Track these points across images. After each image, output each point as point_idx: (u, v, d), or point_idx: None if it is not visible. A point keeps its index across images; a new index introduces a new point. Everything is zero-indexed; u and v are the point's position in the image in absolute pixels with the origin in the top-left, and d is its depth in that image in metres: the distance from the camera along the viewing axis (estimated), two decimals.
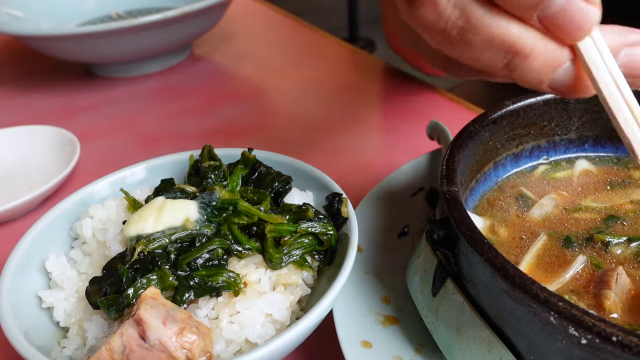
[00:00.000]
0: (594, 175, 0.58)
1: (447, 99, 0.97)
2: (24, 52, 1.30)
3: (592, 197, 0.55)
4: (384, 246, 0.59)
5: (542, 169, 0.60)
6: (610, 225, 0.51)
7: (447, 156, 0.49)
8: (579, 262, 0.47)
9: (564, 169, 0.59)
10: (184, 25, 1.06)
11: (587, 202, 0.55)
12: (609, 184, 0.57)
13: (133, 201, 0.56)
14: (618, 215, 0.52)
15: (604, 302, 0.43)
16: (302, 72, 1.13)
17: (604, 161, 0.60)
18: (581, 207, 0.54)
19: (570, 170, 0.59)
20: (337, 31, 1.18)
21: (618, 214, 0.53)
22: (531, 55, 0.37)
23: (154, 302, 0.43)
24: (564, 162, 0.60)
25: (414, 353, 0.47)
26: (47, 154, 0.84)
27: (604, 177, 0.58)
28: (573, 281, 0.46)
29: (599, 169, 0.59)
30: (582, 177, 0.58)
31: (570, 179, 0.58)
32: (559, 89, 0.38)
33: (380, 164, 0.81)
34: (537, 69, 0.37)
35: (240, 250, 0.49)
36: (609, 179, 0.57)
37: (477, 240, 0.40)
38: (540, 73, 0.37)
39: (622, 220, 0.52)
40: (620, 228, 0.51)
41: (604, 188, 0.56)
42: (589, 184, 0.57)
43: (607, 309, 0.43)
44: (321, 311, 0.45)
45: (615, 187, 0.56)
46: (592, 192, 0.56)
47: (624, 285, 0.45)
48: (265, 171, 0.58)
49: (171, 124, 0.98)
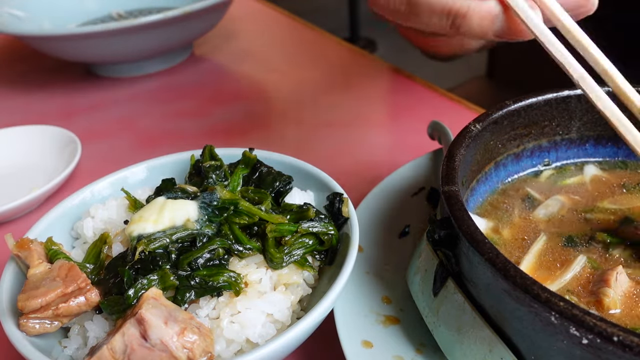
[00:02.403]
0: (606, 179, 0.58)
1: (447, 99, 0.97)
2: (24, 52, 1.30)
3: (609, 199, 0.55)
4: (384, 246, 0.59)
5: (548, 174, 0.59)
6: (623, 226, 0.51)
7: (448, 156, 0.49)
8: (579, 262, 0.48)
9: (573, 175, 0.59)
10: (185, 25, 1.06)
11: (604, 204, 0.55)
12: (623, 187, 0.56)
13: (134, 201, 0.56)
14: (634, 217, 0.52)
15: (603, 299, 0.43)
16: (302, 71, 1.13)
17: (611, 165, 0.60)
18: (595, 208, 0.54)
19: (581, 177, 0.59)
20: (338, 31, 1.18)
21: (634, 215, 0.52)
22: (468, 14, 0.45)
23: (156, 303, 0.43)
24: (573, 166, 0.60)
25: (415, 353, 0.47)
26: (48, 154, 0.84)
27: (617, 181, 0.58)
28: (573, 281, 0.46)
29: (610, 173, 0.59)
30: (594, 181, 0.58)
31: (582, 184, 0.58)
32: (502, 36, 0.47)
33: (381, 164, 0.81)
34: (477, 24, 0.45)
35: (241, 250, 0.49)
36: (622, 182, 0.57)
37: (478, 240, 0.40)
38: (481, 26, 0.45)
39: (637, 222, 0.51)
40: (634, 231, 0.51)
41: (620, 192, 0.56)
42: (604, 187, 0.57)
43: (607, 306, 0.43)
44: (322, 311, 0.45)
45: (631, 190, 0.56)
46: (609, 195, 0.56)
47: (624, 284, 0.45)
48: (266, 171, 0.58)
49: (172, 124, 0.98)
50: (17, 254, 0.49)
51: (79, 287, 0.45)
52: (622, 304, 0.44)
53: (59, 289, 0.45)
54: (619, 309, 0.43)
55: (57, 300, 0.45)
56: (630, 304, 0.44)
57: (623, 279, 0.45)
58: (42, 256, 0.49)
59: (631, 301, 0.44)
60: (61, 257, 0.49)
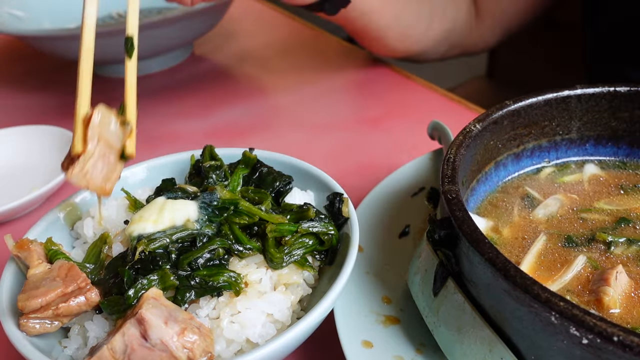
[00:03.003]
0: (604, 179, 0.58)
1: (447, 99, 0.97)
2: (24, 52, 1.30)
3: (605, 200, 0.55)
4: (384, 246, 0.59)
5: (548, 172, 0.59)
6: (619, 227, 0.51)
7: (448, 156, 0.49)
8: (579, 262, 0.48)
9: (572, 173, 0.59)
10: (185, 25, 1.06)
11: (600, 205, 0.55)
12: (621, 188, 0.56)
13: (134, 201, 0.56)
14: (630, 218, 0.52)
15: (603, 298, 0.43)
16: (302, 71, 1.13)
17: (610, 165, 0.60)
18: (591, 209, 0.54)
19: (579, 174, 0.59)
20: (338, 31, 1.18)
21: (630, 217, 0.52)
22: None
23: (156, 303, 0.43)
24: (573, 164, 0.60)
25: (415, 353, 0.47)
26: (48, 154, 0.84)
27: (614, 181, 0.58)
28: (573, 280, 0.46)
29: (608, 173, 0.59)
30: (592, 180, 0.58)
31: (580, 182, 0.58)
32: None
33: (381, 164, 0.81)
34: None
35: (241, 250, 0.49)
36: (620, 183, 0.57)
37: (478, 240, 0.40)
38: None
39: (633, 223, 0.52)
40: (631, 231, 0.51)
41: (617, 192, 0.56)
42: (601, 187, 0.57)
43: (606, 305, 0.43)
44: (322, 311, 0.45)
45: (628, 191, 0.56)
46: (606, 195, 0.56)
47: (624, 284, 0.45)
48: (266, 171, 0.58)
49: (172, 124, 0.98)
50: (16, 255, 0.49)
51: (79, 286, 0.45)
52: (622, 302, 0.44)
53: (59, 289, 0.45)
54: (619, 309, 0.43)
55: (57, 300, 0.45)
56: (630, 303, 0.44)
57: (623, 278, 0.45)
58: (41, 256, 0.49)
59: (631, 300, 0.44)
60: (61, 257, 0.49)
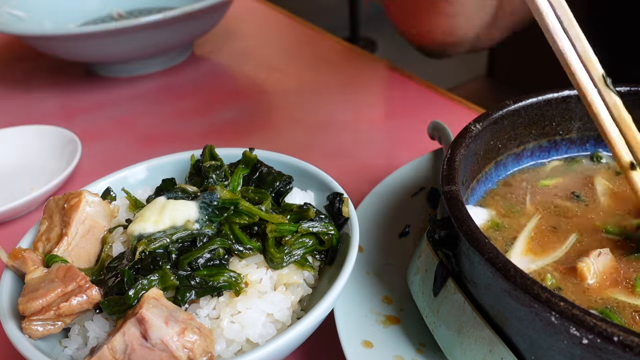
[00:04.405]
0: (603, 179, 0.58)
1: (448, 99, 0.97)
2: (25, 52, 1.30)
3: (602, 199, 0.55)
4: (385, 246, 0.59)
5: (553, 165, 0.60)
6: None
7: (449, 156, 0.49)
8: (570, 240, 0.49)
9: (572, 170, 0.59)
10: (185, 25, 1.06)
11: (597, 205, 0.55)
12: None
13: (134, 201, 0.56)
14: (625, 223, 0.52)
15: (580, 266, 0.45)
16: (302, 71, 1.13)
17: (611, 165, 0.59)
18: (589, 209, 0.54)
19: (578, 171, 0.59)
20: (338, 31, 1.18)
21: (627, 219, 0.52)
22: None
23: (156, 303, 0.43)
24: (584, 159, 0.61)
25: (415, 353, 0.47)
26: (48, 154, 0.85)
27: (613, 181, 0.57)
28: (563, 256, 0.48)
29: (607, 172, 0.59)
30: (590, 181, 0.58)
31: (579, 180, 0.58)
32: None
33: (382, 164, 0.81)
34: None
35: (241, 250, 0.49)
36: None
37: (478, 240, 0.40)
38: None
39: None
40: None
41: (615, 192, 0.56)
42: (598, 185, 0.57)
43: (583, 274, 0.45)
44: (322, 311, 0.45)
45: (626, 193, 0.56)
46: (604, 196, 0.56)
47: (605, 262, 0.46)
48: (266, 171, 0.58)
49: (172, 124, 0.98)
50: (11, 265, 0.49)
51: (79, 285, 0.45)
52: (599, 278, 0.45)
53: (58, 289, 0.45)
54: (594, 281, 0.45)
55: (58, 300, 0.45)
56: (604, 281, 0.45)
57: (605, 258, 0.46)
58: (36, 262, 0.49)
59: (606, 279, 0.45)
60: (58, 261, 0.49)
